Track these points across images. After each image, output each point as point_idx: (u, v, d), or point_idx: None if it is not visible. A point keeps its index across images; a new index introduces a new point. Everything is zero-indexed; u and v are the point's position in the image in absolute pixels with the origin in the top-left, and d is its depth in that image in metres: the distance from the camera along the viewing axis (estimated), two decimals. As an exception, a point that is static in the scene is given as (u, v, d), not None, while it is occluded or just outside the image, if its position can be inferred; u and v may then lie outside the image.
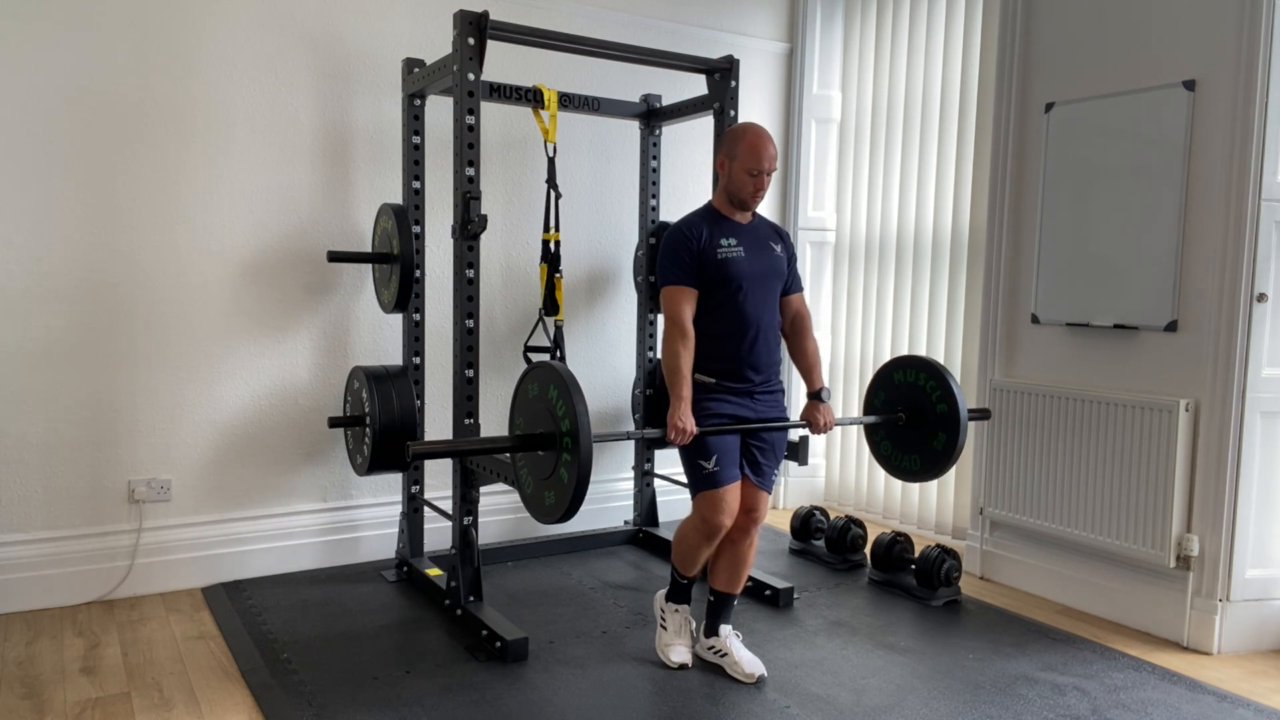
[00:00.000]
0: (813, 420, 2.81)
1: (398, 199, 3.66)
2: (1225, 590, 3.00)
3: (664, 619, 2.89)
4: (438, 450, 2.38)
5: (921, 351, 4.30)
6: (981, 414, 3.17)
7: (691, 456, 2.66)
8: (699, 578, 2.89)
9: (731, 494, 2.66)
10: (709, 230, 2.68)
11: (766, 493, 2.79)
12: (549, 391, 2.35)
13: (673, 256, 2.66)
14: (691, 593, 2.89)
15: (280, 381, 3.57)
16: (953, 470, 4.17)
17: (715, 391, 2.67)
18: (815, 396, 2.82)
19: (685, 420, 2.54)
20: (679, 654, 2.82)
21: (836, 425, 2.88)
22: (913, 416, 2.98)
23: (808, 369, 2.85)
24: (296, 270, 3.57)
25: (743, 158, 2.64)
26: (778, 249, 2.79)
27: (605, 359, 4.29)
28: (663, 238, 2.75)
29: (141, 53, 3.24)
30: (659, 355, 4.14)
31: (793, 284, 2.83)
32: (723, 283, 2.65)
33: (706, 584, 2.89)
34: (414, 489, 3.60)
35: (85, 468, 3.27)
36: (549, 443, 2.34)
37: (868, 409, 3.14)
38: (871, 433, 3.09)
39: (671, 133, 4.24)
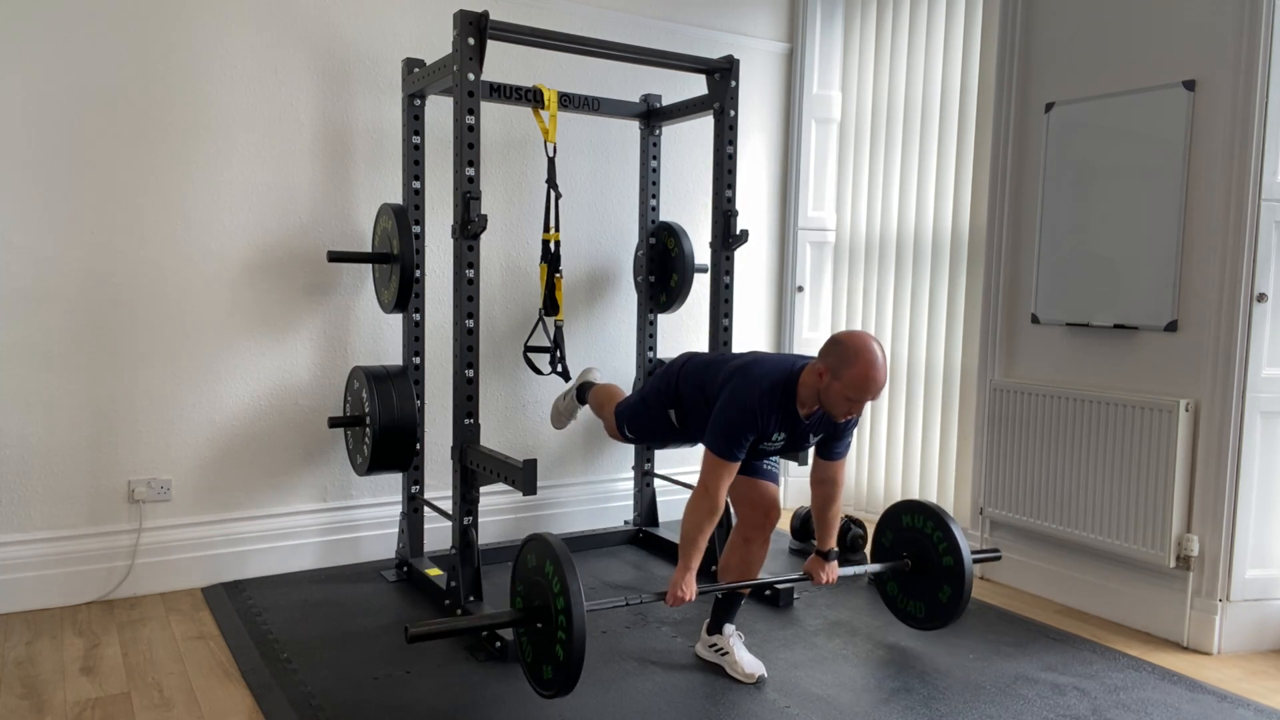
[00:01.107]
0: (815, 575, 2.82)
1: (398, 199, 3.66)
2: (1225, 590, 3.00)
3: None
4: (440, 631, 2.34)
5: (922, 352, 4.30)
6: (991, 555, 3.15)
7: (627, 421, 3.00)
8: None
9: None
10: (774, 420, 2.54)
11: (772, 483, 2.82)
12: (545, 566, 2.37)
13: (736, 432, 2.51)
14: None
15: (280, 381, 3.57)
16: (952, 470, 4.18)
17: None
18: (823, 555, 2.83)
19: (687, 590, 2.57)
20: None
21: (840, 577, 2.86)
22: (919, 564, 2.97)
23: (824, 529, 2.83)
24: (296, 270, 3.57)
25: (848, 384, 2.42)
26: (816, 438, 2.68)
27: (605, 359, 4.29)
28: (739, 395, 2.54)
29: (142, 53, 3.24)
30: (659, 355, 4.15)
31: (837, 452, 2.73)
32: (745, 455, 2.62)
33: (709, 582, 2.89)
34: (414, 489, 3.60)
35: (85, 468, 3.27)
36: (545, 617, 2.37)
37: (875, 549, 3.13)
38: (880, 573, 3.11)
39: (671, 133, 4.24)
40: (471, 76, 2.95)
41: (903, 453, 4.44)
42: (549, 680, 2.38)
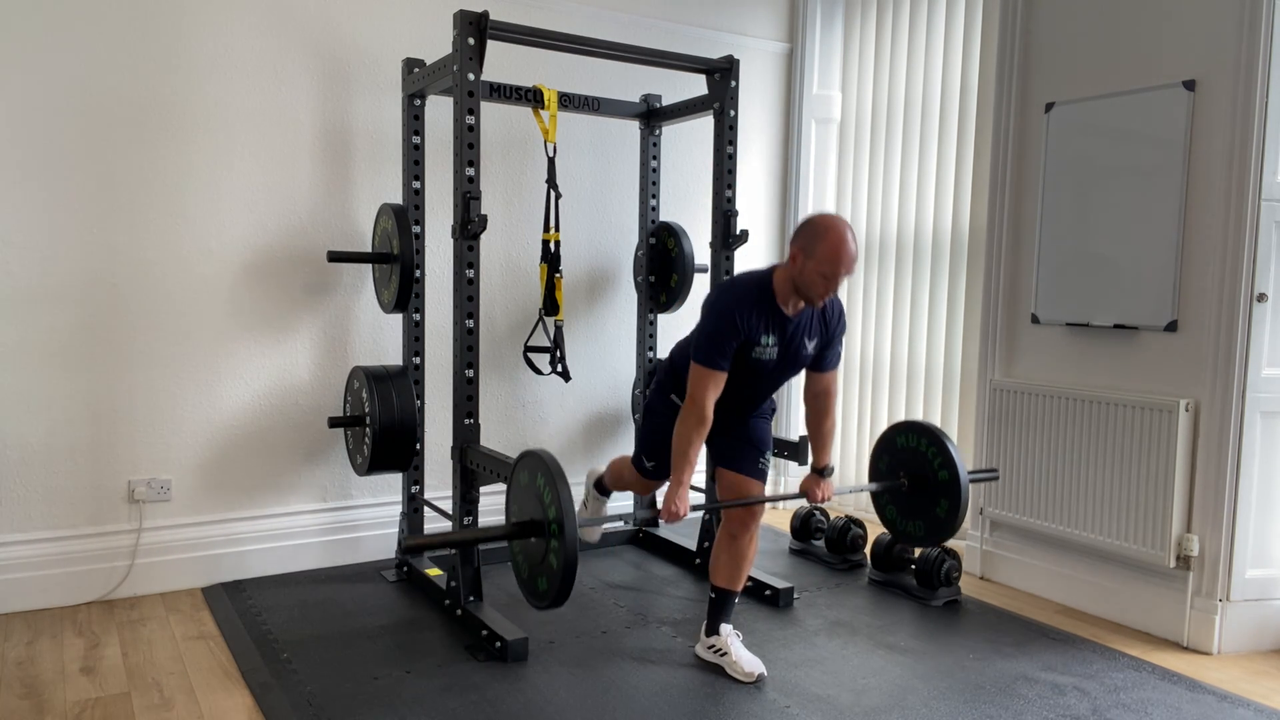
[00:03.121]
0: (810, 492, 2.81)
1: (398, 199, 3.66)
2: (1225, 590, 3.00)
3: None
4: (435, 542, 2.34)
5: (922, 352, 4.30)
6: (988, 475, 3.13)
7: (641, 448, 2.91)
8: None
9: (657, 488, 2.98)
10: (757, 320, 2.54)
11: (758, 481, 2.80)
12: (537, 480, 2.38)
13: (716, 338, 2.52)
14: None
15: (280, 381, 3.58)
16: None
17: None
18: (818, 472, 2.82)
19: (680, 505, 2.54)
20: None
21: (836, 495, 2.84)
22: (915, 482, 2.94)
23: (819, 445, 2.81)
24: (296, 270, 3.57)
25: (821, 259, 2.44)
26: (811, 344, 2.67)
27: (605, 359, 4.29)
28: (714, 300, 2.59)
29: (142, 53, 3.24)
30: (658, 355, 4.15)
31: (828, 362, 2.73)
32: (739, 372, 2.59)
33: (709, 582, 2.89)
34: (414, 489, 3.60)
35: (85, 468, 3.27)
36: (539, 530, 2.37)
37: (872, 474, 3.10)
38: (877, 497, 3.08)
39: (671, 133, 4.24)
40: (471, 76, 2.95)
41: (903, 453, 4.43)
42: (544, 591, 2.36)
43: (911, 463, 2.94)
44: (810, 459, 2.86)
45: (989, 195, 3.69)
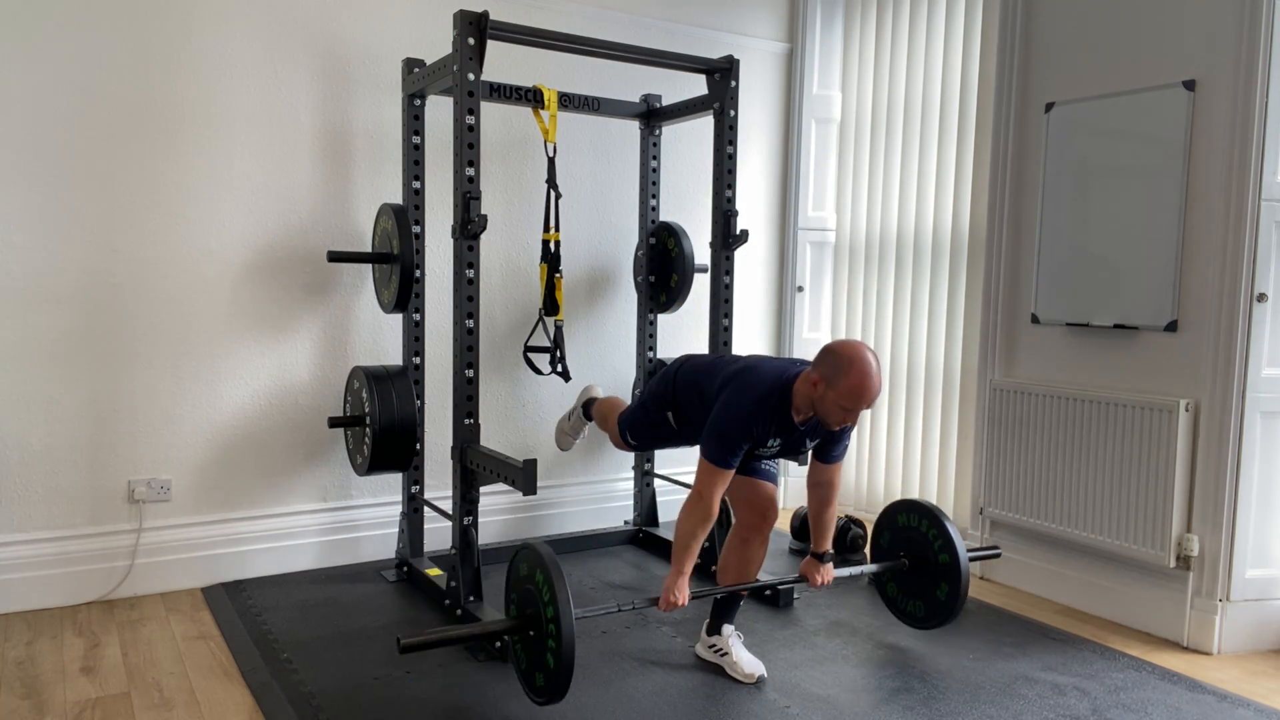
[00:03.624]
0: (810, 577, 2.82)
1: (398, 199, 3.66)
2: (1225, 590, 3.00)
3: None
4: (431, 641, 2.33)
5: (922, 352, 4.30)
6: (990, 553, 3.14)
7: (628, 426, 3.00)
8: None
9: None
10: (768, 427, 2.55)
11: (769, 482, 2.81)
12: (535, 576, 2.39)
13: (731, 438, 2.52)
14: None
15: (280, 381, 3.57)
16: (952, 470, 4.18)
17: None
18: (817, 557, 2.83)
19: (680, 595, 2.56)
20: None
21: (835, 578, 2.85)
22: (916, 562, 2.96)
23: (820, 532, 2.82)
24: (296, 270, 3.57)
25: (842, 393, 2.41)
26: (813, 443, 2.67)
27: (605, 359, 4.29)
28: (733, 402, 2.55)
29: (142, 53, 3.24)
30: (659, 355, 4.15)
31: (834, 455, 2.72)
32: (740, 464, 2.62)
33: (711, 582, 2.89)
34: (414, 489, 3.60)
35: (85, 468, 3.27)
36: (536, 625, 2.38)
37: (873, 550, 3.13)
38: (878, 575, 3.10)
39: (671, 133, 4.24)
40: (471, 76, 2.95)
41: (903, 453, 4.44)
42: (541, 687, 2.40)
43: (912, 542, 2.97)
44: (811, 544, 2.86)
45: (989, 195, 3.69)
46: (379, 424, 3.29)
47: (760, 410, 2.52)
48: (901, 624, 3.15)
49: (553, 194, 3.49)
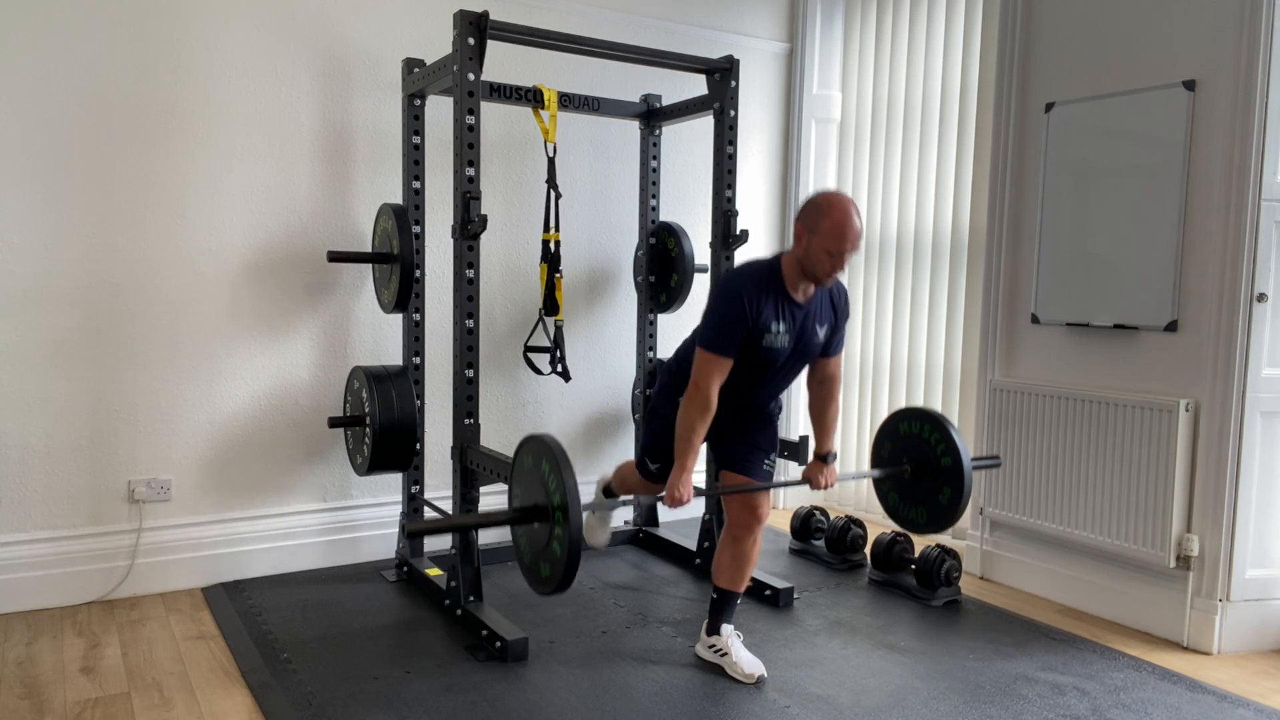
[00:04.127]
0: (814, 479, 2.78)
1: (398, 199, 3.66)
2: (1225, 590, 3.00)
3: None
4: (438, 527, 2.34)
5: (922, 352, 4.30)
6: (991, 462, 3.11)
7: (645, 451, 2.86)
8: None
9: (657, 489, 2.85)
10: (766, 305, 2.51)
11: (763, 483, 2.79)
12: (541, 465, 2.36)
13: (724, 323, 2.49)
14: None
15: (280, 381, 3.58)
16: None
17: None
18: (821, 458, 2.80)
19: (684, 490, 2.53)
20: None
21: (839, 481, 2.82)
22: (918, 469, 2.92)
23: (823, 431, 2.80)
24: (296, 270, 3.57)
25: (825, 236, 2.42)
26: (822, 331, 2.65)
27: (605, 359, 4.29)
28: (721, 285, 2.58)
29: (142, 53, 3.24)
30: (659, 355, 4.15)
31: (833, 348, 2.71)
32: (750, 364, 2.57)
33: (710, 583, 2.89)
34: (414, 489, 3.60)
35: (85, 468, 3.27)
36: (542, 515, 2.35)
37: (874, 461, 3.08)
38: (879, 484, 3.07)
39: (671, 133, 4.24)
40: (471, 76, 2.95)
41: (903, 453, 4.43)
42: (547, 577, 2.35)
43: (914, 449, 2.92)
44: (813, 445, 2.84)
45: (989, 195, 3.69)
46: (379, 424, 3.29)
47: (753, 285, 2.50)
48: (901, 624, 3.15)
49: (553, 194, 3.49)
